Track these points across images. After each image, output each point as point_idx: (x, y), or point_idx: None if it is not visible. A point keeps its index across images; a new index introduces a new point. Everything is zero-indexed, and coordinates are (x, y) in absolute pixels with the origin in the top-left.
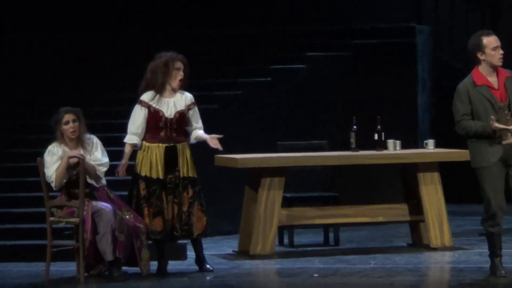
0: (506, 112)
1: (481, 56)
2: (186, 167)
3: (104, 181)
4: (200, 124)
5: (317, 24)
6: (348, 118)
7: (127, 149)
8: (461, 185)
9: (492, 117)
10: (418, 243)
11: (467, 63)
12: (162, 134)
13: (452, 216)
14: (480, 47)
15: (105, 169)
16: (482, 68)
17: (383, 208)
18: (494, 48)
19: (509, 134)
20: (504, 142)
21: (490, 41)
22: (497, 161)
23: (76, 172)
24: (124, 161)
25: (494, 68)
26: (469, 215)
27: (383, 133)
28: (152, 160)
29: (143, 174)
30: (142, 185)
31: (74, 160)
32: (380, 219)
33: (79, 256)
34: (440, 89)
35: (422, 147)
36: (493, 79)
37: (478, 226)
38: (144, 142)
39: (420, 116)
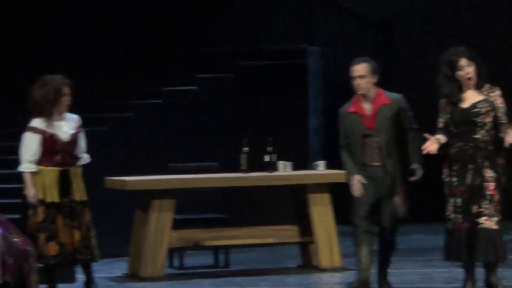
0: (374, 139)
1: None
2: (79, 191)
3: None
4: (85, 146)
5: (209, 46)
6: (239, 139)
7: (28, 178)
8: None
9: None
10: (308, 264)
11: None
12: (57, 157)
13: (342, 237)
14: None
15: None
16: (359, 94)
17: (273, 229)
18: (353, 78)
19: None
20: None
21: (351, 70)
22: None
23: None
24: (34, 190)
25: (365, 95)
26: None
27: (274, 155)
28: (46, 184)
29: (37, 197)
30: (36, 209)
31: None
32: (271, 240)
33: None
34: (331, 111)
35: (313, 168)
36: (367, 106)
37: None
38: (37, 166)
39: (311, 137)
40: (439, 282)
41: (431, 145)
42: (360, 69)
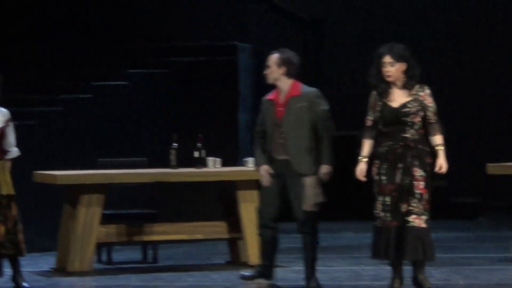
0: (281, 130)
1: None
2: (6, 185)
3: None
4: (14, 140)
5: (139, 41)
6: (169, 135)
7: None
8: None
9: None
10: (236, 260)
11: None
12: None
13: None
14: None
15: None
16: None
17: (202, 225)
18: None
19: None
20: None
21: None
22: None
23: None
24: None
25: (278, 86)
26: (286, 233)
27: (203, 151)
28: None
29: None
30: None
31: None
32: (199, 236)
33: None
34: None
35: (242, 165)
36: (281, 97)
37: (295, 244)
38: None
39: (241, 134)
40: (367, 280)
41: (360, 173)
42: (269, 59)
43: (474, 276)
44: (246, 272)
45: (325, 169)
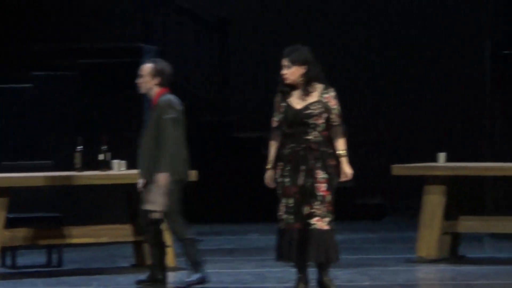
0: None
1: None
2: None
3: None
4: None
5: (43, 43)
6: (74, 138)
7: None
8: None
9: None
10: (142, 263)
11: (196, 83)
12: None
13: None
14: None
15: None
16: None
17: (107, 228)
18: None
19: None
20: None
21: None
22: None
23: None
24: None
25: (152, 95)
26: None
27: (108, 154)
28: None
29: None
30: None
31: None
32: (104, 239)
33: None
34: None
35: None
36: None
37: (203, 246)
38: None
39: None
40: (272, 282)
41: (269, 179)
42: (143, 69)
43: (380, 277)
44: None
45: (160, 177)
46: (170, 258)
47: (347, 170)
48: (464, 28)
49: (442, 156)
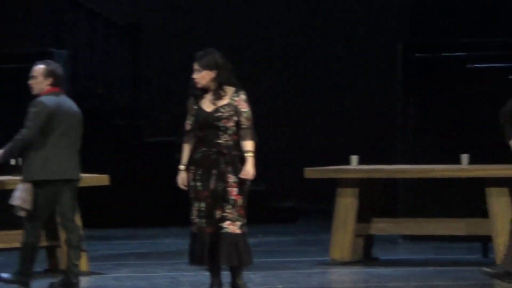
0: None
1: None
2: None
3: None
4: None
5: None
6: None
7: None
8: (97, 209)
9: None
10: (55, 267)
11: (108, 87)
12: None
13: (89, 241)
14: None
15: None
16: None
17: (19, 234)
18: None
19: None
20: None
21: None
22: None
23: None
24: None
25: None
26: (105, 240)
27: (20, 159)
28: None
29: None
30: None
31: None
32: (16, 244)
33: None
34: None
35: None
36: None
37: (116, 251)
38: None
39: None
40: (186, 286)
41: (181, 181)
42: (34, 70)
43: (293, 280)
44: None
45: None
46: (84, 262)
47: (249, 169)
48: (377, 31)
49: (354, 159)
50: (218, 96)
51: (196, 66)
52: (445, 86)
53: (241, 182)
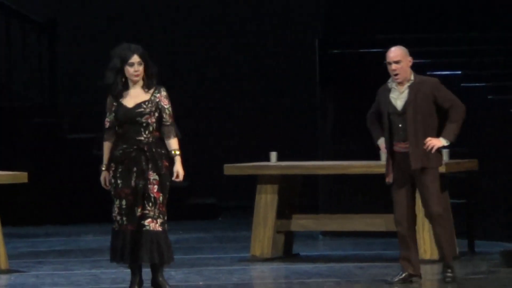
0: None
1: None
2: None
3: None
4: None
5: None
6: None
7: None
8: (16, 207)
9: None
10: None
11: (28, 84)
12: None
13: (8, 239)
14: None
15: None
16: None
17: None
18: None
19: None
20: None
21: None
22: None
23: None
24: None
25: None
26: (25, 237)
27: None
28: None
29: None
30: None
31: None
32: None
33: None
34: None
35: None
36: None
37: (35, 248)
38: None
39: None
40: (106, 283)
41: (104, 181)
42: None
43: (214, 277)
44: None
45: None
46: (3, 260)
47: (179, 170)
48: (295, 28)
49: (273, 155)
50: (142, 91)
51: (136, 58)
52: (362, 82)
53: (161, 180)
